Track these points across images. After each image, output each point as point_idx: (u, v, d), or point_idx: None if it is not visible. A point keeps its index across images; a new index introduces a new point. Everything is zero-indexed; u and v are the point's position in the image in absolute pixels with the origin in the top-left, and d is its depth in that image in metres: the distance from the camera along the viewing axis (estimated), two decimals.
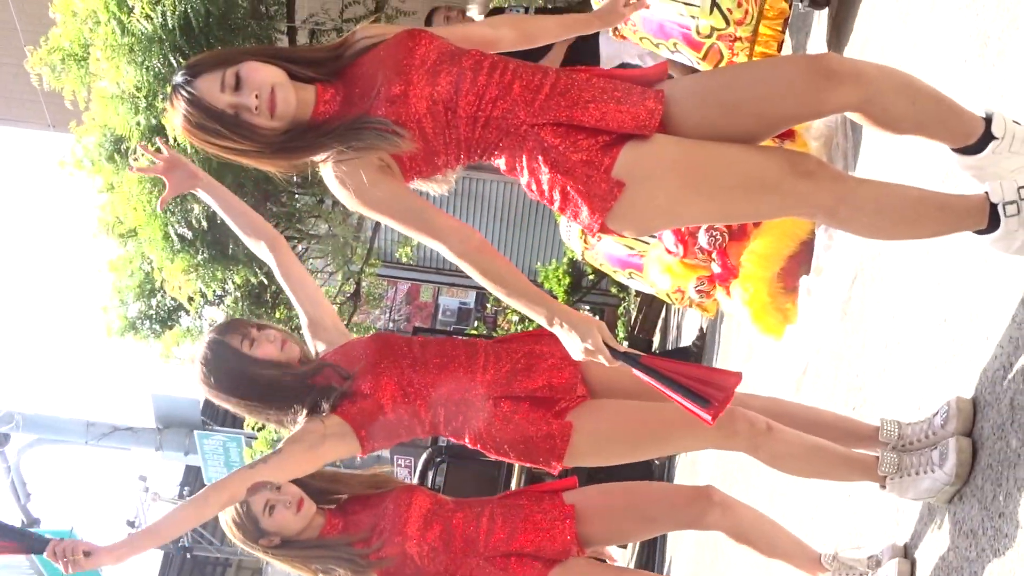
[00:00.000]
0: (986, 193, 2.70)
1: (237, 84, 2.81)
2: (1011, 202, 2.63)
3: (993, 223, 2.68)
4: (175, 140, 7.99)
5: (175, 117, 2.91)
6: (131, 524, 22.73)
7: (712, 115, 2.76)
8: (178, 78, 2.90)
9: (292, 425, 3.35)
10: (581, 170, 2.74)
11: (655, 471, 10.92)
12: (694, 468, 8.55)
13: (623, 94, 2.79)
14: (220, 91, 2.82)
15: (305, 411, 3.30)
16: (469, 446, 3.36)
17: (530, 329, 3.53)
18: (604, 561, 3.74)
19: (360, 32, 3.00)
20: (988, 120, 2.77)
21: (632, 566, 11.15)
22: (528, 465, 3.34)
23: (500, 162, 2.87)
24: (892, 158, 4.16)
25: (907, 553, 3.29)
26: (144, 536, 3.30)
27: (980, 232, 2.72)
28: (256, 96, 2.80)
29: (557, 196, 2.79)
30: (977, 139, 2.76)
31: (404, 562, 3.44)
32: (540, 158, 2.77)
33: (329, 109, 2.88)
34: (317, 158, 2.88)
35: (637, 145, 2.75)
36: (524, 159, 2.80)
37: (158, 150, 3.52)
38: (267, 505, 3.44)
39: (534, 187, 2.83)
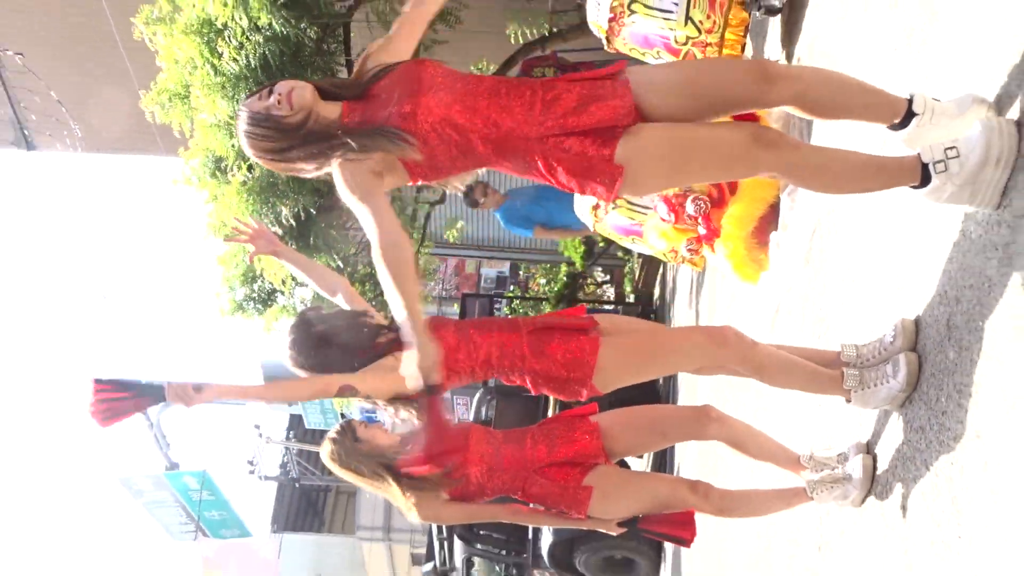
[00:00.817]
0: (918, 154, 2.68)
1: (268, 95, 2.90)
2: (939, 161, 2.62)
3: (925, 179, 2.66)
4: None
5: (240, 140, 2.98)
6: (250, 463, 22.97)
7: (681, 103, 2.76)
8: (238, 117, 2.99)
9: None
10: (592, 164, 2.74)
11: (661, 395, 10.94)
12: (694, 391, 8.53)
13: (601, 91, 2.77)
14: (258, 101, 2.90)
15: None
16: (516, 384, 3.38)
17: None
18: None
19: (371, 58, 3.00)
20: (910, 101, 2.75)
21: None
22: (562, 398, 3.34)
23: (510, 167, 2.86)
24: (840, 133, 4.11)
25: (869, 449, 3.28)
26: (247, 389, 3.26)
27: (915, 187, 2.70)
28: (279, 97, 2.86)
29: (575, 185, 2.80)
30: (902, 117, 2.75)
31: (469, 482, 3.46)
32: (554, 163, 2.77)
33: (352, 120, 2.89)
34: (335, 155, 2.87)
35: (629, 138, 2.73)
36: (540, 165, 2.79)
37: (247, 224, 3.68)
38: (363, 423, 3.48)
39: (553, 180, 2.82)
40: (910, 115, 2.74)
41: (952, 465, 2.60)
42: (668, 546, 9.55)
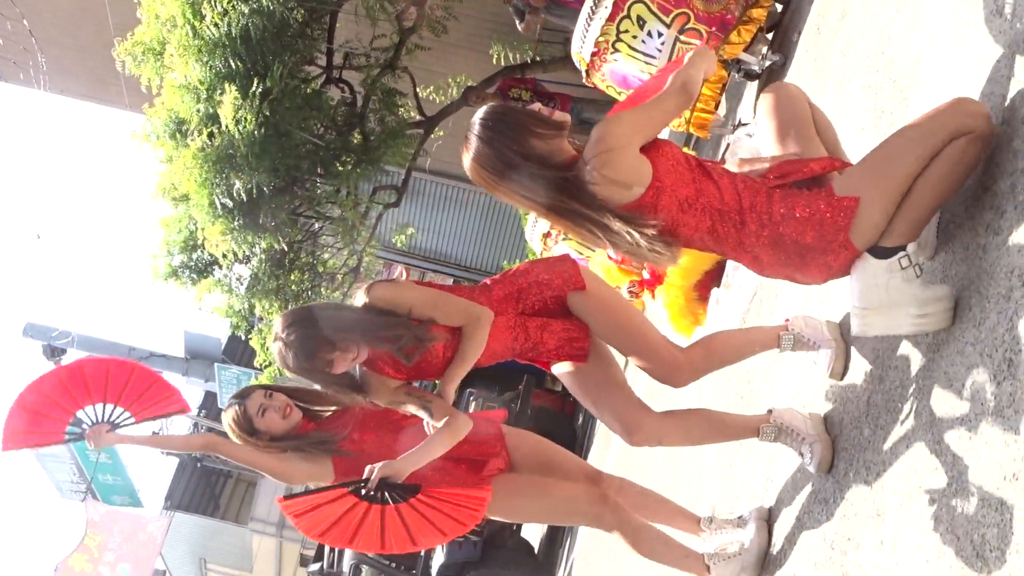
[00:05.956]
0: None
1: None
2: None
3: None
4: (226, 128, 7.92)
5: (465, 158, 2.82)
6: (156, 434, 22.53)
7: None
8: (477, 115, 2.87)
9: None
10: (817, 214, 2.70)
11: (578, 436, 10.94)
12: (607, 439, 8.54)
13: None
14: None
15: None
16: None
17: None
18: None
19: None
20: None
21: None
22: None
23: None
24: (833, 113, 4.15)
25: (770, 515, 3.29)
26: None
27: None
28: (539, 108, 2.84)
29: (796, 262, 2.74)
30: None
31: (360, 456, 3.40)
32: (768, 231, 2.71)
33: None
34: None
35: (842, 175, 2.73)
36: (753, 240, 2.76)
37: None
38: (260, 408, 3.43)
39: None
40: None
41: (849, 540, 2.61)
42: None
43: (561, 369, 3.34)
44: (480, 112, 2.81)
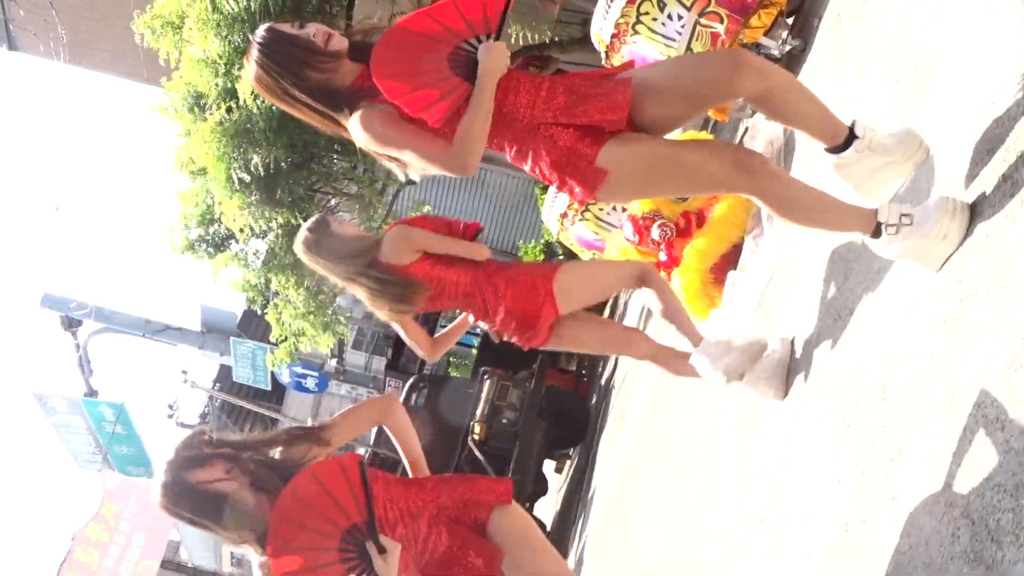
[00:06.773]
0: (876, 211, 2.79)
1: (300, 27, 2.94)
2: (893, 224, 2.74)
3: (877, 233, 2.79)
4: (244, 102, 7.95)
5: (249, 69, 2.98)
6: (171, 407, 22.69)
7: (672, 109, 2.86)
8: (256, 34, 2.98)
9: None
10: (575, 162, 2.83)
11: (591, 415, 10.92)
12: (622, 421, 8.53)
13: (597, 90, 2.86)
14: (289, 28, 2.94)
15: None
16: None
17: None
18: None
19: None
20: (852, 126, 2.85)
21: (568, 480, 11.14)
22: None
23: (512, 152, 2.94)
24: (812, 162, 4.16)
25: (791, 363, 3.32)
26: None
27: (870, 236, 2.82)
28: (315, 33, 2.90)
29: (555, 179, 2.89)
30: (844, 140, 2.84)
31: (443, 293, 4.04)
32: (544, 152, 2.85)
33: (363, 85, 2.93)
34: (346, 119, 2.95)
35: (615, 146, 2.82)
36: (531, 152, 2.88)
37: None
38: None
39: (537, 171, 2.91)
40: (851, 138, 2.83)
41: (864, 523, 2.64)
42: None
43: None
44: (259, 32, 2.95)
